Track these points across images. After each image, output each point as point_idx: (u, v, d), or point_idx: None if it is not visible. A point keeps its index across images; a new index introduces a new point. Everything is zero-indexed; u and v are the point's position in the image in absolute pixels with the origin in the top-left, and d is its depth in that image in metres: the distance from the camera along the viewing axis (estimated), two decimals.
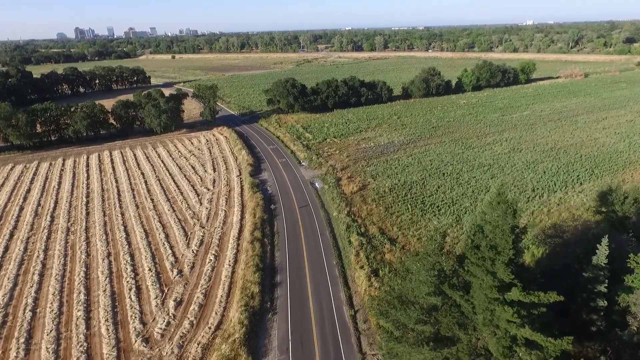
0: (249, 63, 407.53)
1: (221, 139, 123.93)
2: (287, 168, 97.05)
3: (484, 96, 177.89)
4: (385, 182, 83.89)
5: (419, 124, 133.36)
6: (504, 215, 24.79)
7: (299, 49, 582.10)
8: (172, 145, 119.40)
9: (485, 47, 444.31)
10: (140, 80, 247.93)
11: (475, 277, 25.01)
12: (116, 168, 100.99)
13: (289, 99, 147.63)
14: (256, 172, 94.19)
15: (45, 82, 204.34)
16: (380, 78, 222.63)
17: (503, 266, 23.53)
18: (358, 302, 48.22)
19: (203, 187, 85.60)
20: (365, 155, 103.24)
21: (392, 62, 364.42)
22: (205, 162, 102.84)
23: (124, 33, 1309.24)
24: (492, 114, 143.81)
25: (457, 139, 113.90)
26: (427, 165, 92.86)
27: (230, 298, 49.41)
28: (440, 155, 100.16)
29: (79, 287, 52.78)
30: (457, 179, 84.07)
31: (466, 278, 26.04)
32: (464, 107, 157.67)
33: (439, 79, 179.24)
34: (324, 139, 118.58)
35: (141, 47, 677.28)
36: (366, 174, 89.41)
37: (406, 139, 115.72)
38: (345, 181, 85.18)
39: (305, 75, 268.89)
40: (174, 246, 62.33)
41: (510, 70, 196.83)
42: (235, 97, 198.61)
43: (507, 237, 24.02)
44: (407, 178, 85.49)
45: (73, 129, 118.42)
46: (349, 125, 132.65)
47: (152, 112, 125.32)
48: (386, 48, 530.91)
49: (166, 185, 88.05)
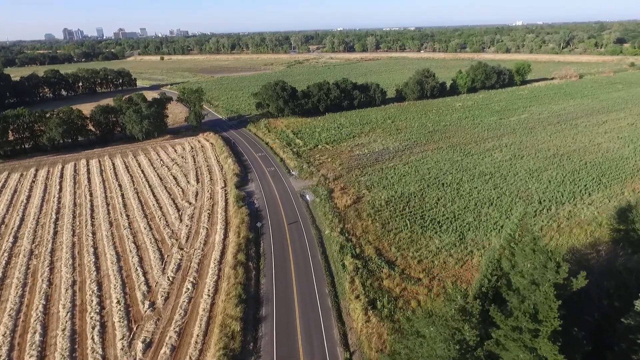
0: (239, 64, 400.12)
1: (207, 146, 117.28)
2: (276, 178, 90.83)
3: (479, 98, 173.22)
4: (381, 193, 78.07)
5: (415, 128, 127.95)
6: (543, 268, 19.20)
7: (291, 49, 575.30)
8: (154, 153, 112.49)
9: (478, 47, 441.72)
10: (126, 82, 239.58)
11: (508, 351, 19.41)
12: (92, 179, 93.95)
13: (278, 103, 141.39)
14: (243, 183, 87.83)
15: (25, 85, 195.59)
16: (373, 79, 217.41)
17: (547, 342, 18.01)
18: (354, 342, 42.26)
19: (184, 201, 79.06)
20: (359, 163, 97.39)
21: (384, 63, 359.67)
22: (189, 171, 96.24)
23: (113, 34, 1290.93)
24: (490, 117, 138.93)
25: (454, 145, 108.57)
26: (424, 175, 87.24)
27: (208, 338, 43.12)
28: (438, 163, 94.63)
29: (35, 325, 46.10)
30: (458, 190, 78.52)
31: (495, 351, 20.39)
32: (459, 110, 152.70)
33: (433, 80, 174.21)
34: (316, 145, 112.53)
35: (130, 48, 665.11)
36: (360, 184, 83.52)
37: (402, 145, 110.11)
38: (338, 193, 79.22)
39: (296, 77, 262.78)
40: (148, 272, 55.84)
41: (505, 72, 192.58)
42: (223, 101, 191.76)
43: (552, 302, 18.41)
44: (405, 189, 79.74)
45: (48, 137, 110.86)
46: (342, 130, 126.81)
47: (133, 117, 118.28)
48: (378, 49, 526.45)
49: (144, 199, 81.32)
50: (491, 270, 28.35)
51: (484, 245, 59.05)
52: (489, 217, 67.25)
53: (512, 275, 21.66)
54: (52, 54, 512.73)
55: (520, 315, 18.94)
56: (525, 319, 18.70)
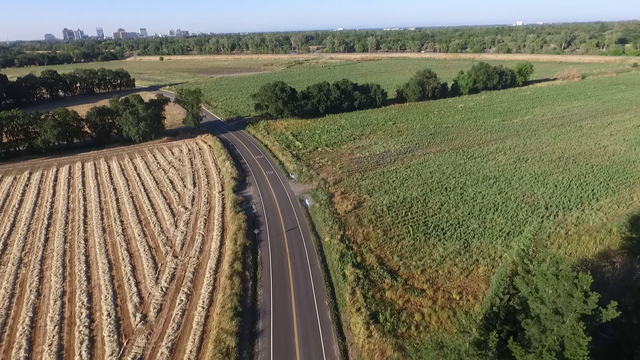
0: (238, 65, 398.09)
1: (205, 148, 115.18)
2: (275, 182, 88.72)
3: (481, 99, 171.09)
4: (382, 198, 75.92)
5: (416, 130, 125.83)
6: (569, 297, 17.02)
7: (291, 50, 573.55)
8: (151, 155, 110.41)
9: (479, 48, 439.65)
10: (124, 83, 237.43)
11: None
12: (87, 183, 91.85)
13: (277, 104, 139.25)
14: (240, 187, 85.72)
15: (21, 86, 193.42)
16: (373, 80, 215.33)
17: None
18: (355, 359, 40.08)
19: (180, 206, 76.93)
20: (360, 166, 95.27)
21: (384, 64, 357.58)
22: (186, 175, 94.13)
23: (113, 34, 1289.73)
24: (492, 118, 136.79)
25: (457, 147, 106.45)
26: (427, 178, 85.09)
27: (202, 354, 40.98)
28: (440, 166, 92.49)
29: (21, 339, 43.96)
30: (462, 195, 76.35)
31: None
32: (461, 111, 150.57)
33: (434, 81, 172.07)
34: (315, 148, 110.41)
35: (129, 48, 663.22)
36: (361, 188, 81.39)
37: (403, 148, 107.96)
38: (338, 198, 77.07)
39: (296, 78, 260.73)
40: (141, 282, 53.70)
41: (507, 72, 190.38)
42: (222, 102, 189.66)
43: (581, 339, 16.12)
44: (407, 194, 77.58)
45: (42, 139, 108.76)
46: (342, 132, 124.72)
47: (130, 119, 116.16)
48: (378, 49, 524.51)
49: (139, 203, 79.19)
50: (503, 288, 26.32)
51: (489, 253, 56.89)
52: (494, 224, 65.08)
53: (531, 302, 19.55)
54: (51, 54, 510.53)
55: (545, 353, 16.76)
56: (550, 357, 16.54)
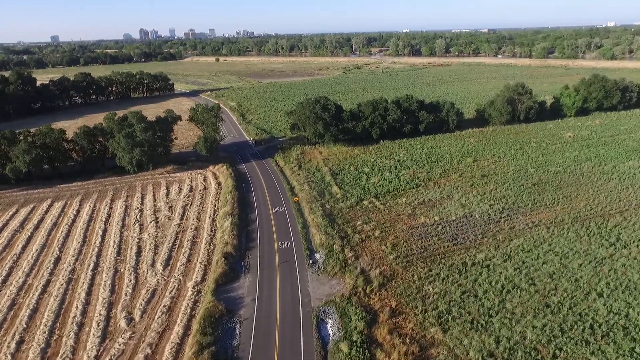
0: (293, 68, 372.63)
1: (211, 189, 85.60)
2: (287, 269, 55.96)
3: (596, 125, 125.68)
4: (466, 341, 40.16)
5: (509, 174, 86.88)
6: None
7: (351, 52, 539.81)
8: (139, 195, 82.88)
9: (571, 53, 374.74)
10: (162, 87, 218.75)
11: None
12: (32, 241, 65.65)
13: (317, 127, 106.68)
14: (230, 278, 54.05)
15: (50, 90, 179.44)
16: (442, 91, 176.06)
17: None
18: None
19: (123, 315, 46.86)
20: (425, 245, 59.74)
21: (455, 70, 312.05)
22: (165, 240, 64.66)
23: (183, 34, 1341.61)
24: (626, 160, 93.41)
25: (584, 217, 66.81)
26: (547, 292, 47.46)
27: None
28: (565, 260, 54.09)
29: None
30: (633, 352, 38.35)
31: None
32: (572, 143, 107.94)
33: (529, 99, 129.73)
34: (360, 200, 76.14)
35: (192, 48, 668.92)
36: (426, 306, 46.08)
37: (493, 209, 70.36)
38: (384, 328, 42.61)
39: (350, 86, 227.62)
40: None
41: (634, 88, 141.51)
42: (259, 114, 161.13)
43: None
44: (514, 334, 40.92)
45: (11, 167, 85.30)
46: (400, 172, 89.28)
47: (123, 143, 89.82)
48: (448, 53, 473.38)
49: (68, 302, 50.34)
50: None
51: None
52: None
53: None
54: (116, 53, 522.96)
55: None
56: None
